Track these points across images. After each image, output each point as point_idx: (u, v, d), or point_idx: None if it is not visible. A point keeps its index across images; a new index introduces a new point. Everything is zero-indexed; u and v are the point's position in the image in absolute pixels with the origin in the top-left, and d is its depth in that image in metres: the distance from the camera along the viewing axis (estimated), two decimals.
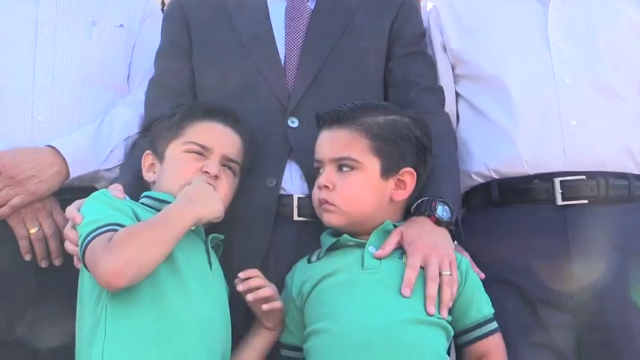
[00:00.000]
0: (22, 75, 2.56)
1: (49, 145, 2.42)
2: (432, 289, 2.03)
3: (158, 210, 2.09)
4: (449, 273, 2.07)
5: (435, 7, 2.58)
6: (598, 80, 2.40)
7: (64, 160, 2.38)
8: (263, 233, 2.26)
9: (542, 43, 2.44)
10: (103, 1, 2.71)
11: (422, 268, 2.06)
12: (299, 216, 2.27)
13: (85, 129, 2.51)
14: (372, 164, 2.13)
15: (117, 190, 2.11)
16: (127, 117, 2.54)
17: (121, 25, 2.65)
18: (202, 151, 2.19)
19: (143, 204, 2.16)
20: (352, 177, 2.11)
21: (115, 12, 2.69)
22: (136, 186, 2.25)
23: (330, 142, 2.16)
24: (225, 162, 2.20)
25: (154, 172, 2.24)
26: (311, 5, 2.43)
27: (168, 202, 2.10)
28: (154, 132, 2.29)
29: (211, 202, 2.08)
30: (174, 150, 2.21)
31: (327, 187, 2.11)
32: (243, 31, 2.40)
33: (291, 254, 2.27)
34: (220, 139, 2.22)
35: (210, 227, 2.18)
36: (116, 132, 2.50)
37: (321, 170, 2.14)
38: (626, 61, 2.45)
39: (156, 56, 2.53)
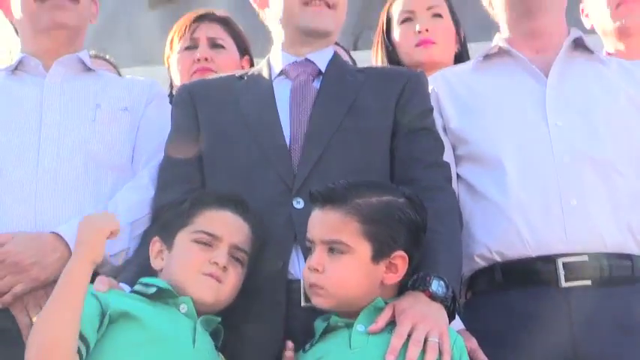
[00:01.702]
0: (25, 159, 2.56)
1: (52, 232, 2.40)
2: (413, 352, 1.95)
3: (145, 295, 2.11)
4: (436, 340, 1.99)
5: (434, 89, 2.59)
6: (597, 158, 2.40)
7: (67, 245, 2.36)
8: (276, 325, 2.23)
9: (540, 121, 2.45)
10: (107, 85, 2.75)
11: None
12: (306, 302, 2.22)
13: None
14: (363, 248, 2.10)
15: (100, 283, 2.11)
16: (131, 200, 2.52)
17: (126, 108, 2.67)
18: (211, 241, 2.18)
19: (135, 291, 2.15)
20: (342, 261, 2.07)
21: (120, 95, 2.71)
22: (144, 276, 2.24)
23: (321, 224, 2.13)
24: (234, 252, 2.19)
25: (162, 260, 2.23)
26: (316, 85, 2.44)
27: (156, 286, 2.11)
28: (163, 219, 2.29)
29: (94, 233, 2.07)
30: (183, 239, 2.20)
31: (317, 270, 2.08)
32: (248, 113, 2.42)
33: (303, 342, 2.20)
34: (230, 228, 2.22)
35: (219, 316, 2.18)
36: (121, 216, 2.43)
37: (312, 250, 2.11)
38: (625, 137, 2.46)
39: (166, 142, 2.53)
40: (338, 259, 2.11)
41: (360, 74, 2.53)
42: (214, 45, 3.16)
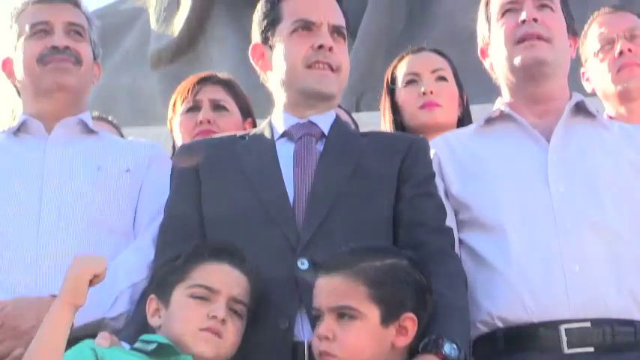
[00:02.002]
0: (26, 222, 2.56)
1: (52, 295, 2.36)
2: None
3: (145, 351, 2.09)
4: None
5: (437, 155, 2.59)
6: (599, 224, 2.39)
7: None
8: None
9: (542, 187, 2.45)
10: (109, 147, 2.76)
11: None
12: None
13: None
14: (372, 312, 2.10)
15: (102, 338, 2.10)
16: (132, 263, 2.52)
17: (128, 170, 2.67)
18: (209, 295, 2.17)
19: (135, 348, 2.14)
20: (352, 327, 2.07)
21: (122, 157, 2.72)
22: (144, 333, 2.23)
23: (328, 291, 2.13)
24: (233, 304, 2.17)
25: (159, 317, 2.22)
26: (319, 147, 2.45)
27: (156, 342, 2.10)
28: (159, 276, 2.29)
29: (76, 276, 2.08)
30: (180, 295, 2.19)
31: (327, 337, 2.08)
32: (251, 173, 2.42)
33: None
34: (227, 280, 2.21)
35: None
36: (121, 279, 2.48)
37: (321, 318, 2.11)
38: (627, 203, 2.46)
39: (166, 201, 2.53)
40: (348, 325, 2.10)
41: (363, 138, 2.55)
42: (217, 107, 3.17)
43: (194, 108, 3.17)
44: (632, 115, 3.01)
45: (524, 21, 2.49)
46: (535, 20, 2.49)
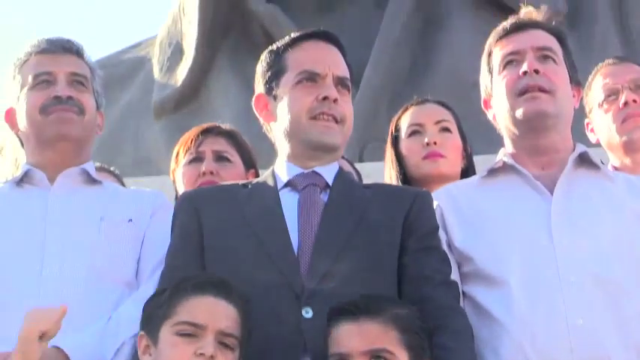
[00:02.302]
0: (29, 274, 2.56)
1: (54, 345, 2.36)
2: None
3: None
4: None
5: (439, 206, 2.59)
6: (603, 277, 2.38)
7: (68, 359, 2.34)
8: None
9: (546, 240, 2.44)
10: (112, 197, 2.77)
11: None
12: None
13: (92, 328, 2.48)
14: (403, 357, 2.12)
15: None
16: (134, 314, 2.48)
17: (130, 220, 2.67)
18: (195, 331, 2.15)
19: None
20: None
21: (124, 207, 2.72)
22: None
23: (361, 335, 2.13)
24: (222, 338, 2.16)
25: (150, 355, 2.21)
26: (324, 197, 2.46)
27: None
28: (146, 312, 2.27)
29: (26, 330, 2.13)
30: (167, 333, 2.18)
31: None
32: (254, 222, 2.41)
33: None
34: (213, 313, 2.19)
35: None
36: (123, 330, 2.47)
37: None
38: (631, 256, 2.44)
39: (167, 250, 2.52)
40: None
41: (367, 190, 2.56)
42: (220, 158, 3.18)
43: (197, 159, 3.18)
44: (637, 166, 3.01)
45: (525, 72, 2.50)
46: (537, 72, 2.50)
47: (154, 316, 2.21)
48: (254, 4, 6.16)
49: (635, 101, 3.02)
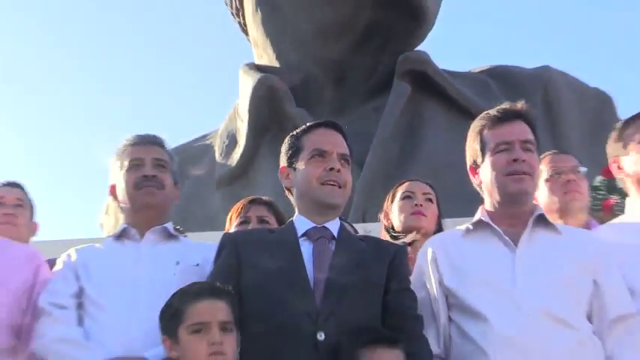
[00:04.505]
0: (123, 304, 2.54)
1: (141, 356, 2.36)
2: None
3: None
4: None
5: (433, 252, 2.52)
6: (552, 313, 2.30)
7: None
8: None
9: (510, 282, 2.37)
10: (185, 247, 2.75)
11: None
12: None
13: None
14: None
15: None
16: None
17: (197, 264, 2.64)
18: (203, 327, 2.13)
19: None
20: None
21: (194, 254, 2.69)
22: None
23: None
24: (224, 325, 2.14)
25: (175, 352, 2.18)
26: (331, 246, 2.41)
27: None
28: (164, 321, 2.24)
29: None
30: (184, 333, 2.15)
31: None
32: (280, 262, 2.36)
33: None
34: (213, 311, 2.16)
35: None
36: None
37: None
38: (574, 297, 2.37)
39: (209, 274, 2.47)
40: None
41: (361, 242, 2.52)
42: (262, 222, 3.13)
43: (245, 222, 3.14)
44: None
45: (515, 159, 2.45)
46: (523, 160, 2.45)
47: (170, 323, 2.19)
48: (287, 108, 6.22)
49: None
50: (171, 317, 2.20)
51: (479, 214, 2.56)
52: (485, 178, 2.53)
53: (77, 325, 2.54)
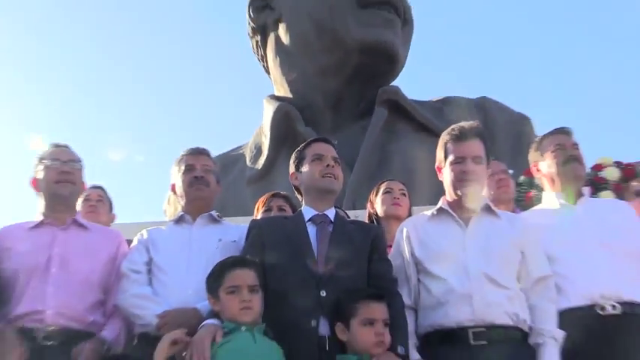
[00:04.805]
0: (177, 271, 2.53)
1: (194, 307, 2.37)
2: None
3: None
4: None
5: (407, 231, 2.50)
6: (489, 274, 2.29)
7: (201, 317, 2.28)
8: None
9: (461, 253, 2.35)
10: (225, 228, 2.74)
11: None
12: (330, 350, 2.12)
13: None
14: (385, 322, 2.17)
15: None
16: None
17: (234, 241, 2.62)
18: (237, 289, 2.13)
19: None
20: None
21: (232, 233, 2.68)
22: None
23: (381, 309, 2.16)
24: (251, 287, 2.14)
25: (217, 306, 2.17)
26: (329, 228, 2.40)
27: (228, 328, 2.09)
28: (209, 283, 2.22)
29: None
30: (222, 293, 2.15)
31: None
32: (294, 239, 2.35)
33: None
34: (243, 277, 2.16)
35: None
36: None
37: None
38: (507, 264, 2.35)
39: (241, 251, 2.45)
40: None
41: (350, 224, 2.52)
42: (280, 210, 3.11)
43: (268, 210, 3.12)
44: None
45: (465, 171, 2.43)
46: (471, 171, 2.43)
47: (213, 285, 2.19)
48: (298, 127, 6.16)
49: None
50: (214, 281, 2.19)
51: (440, 203, 2.53)
52: (445, 178, 2.51)
53: (148, 285, 2.54)
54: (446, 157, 2.51)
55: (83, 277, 2.57)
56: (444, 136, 2.55)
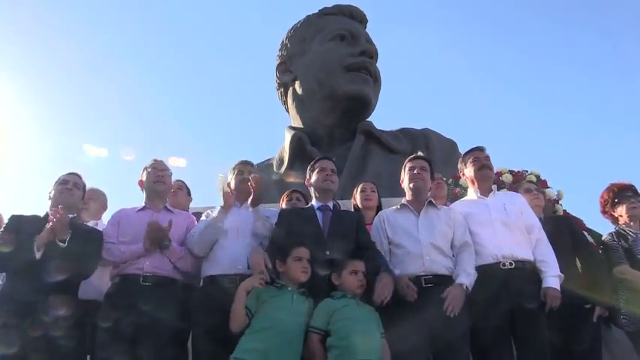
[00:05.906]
0: (232, 234, 2.50)
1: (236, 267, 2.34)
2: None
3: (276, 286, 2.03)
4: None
5: (382, 218, 2.55)
6: (435, 245, 2.34)
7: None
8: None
9: (415, 231, 2.40)
10: (262, 210, 2.64)
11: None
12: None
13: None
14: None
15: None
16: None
17: (267, 217, 2.58)
18: (299, 258, 2.12)
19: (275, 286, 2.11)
20: None
21: (266, 213, 2.62)
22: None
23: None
24: (309, 259, 2.14)
25: (282, 268, 2.13)
26: (330, 214, 2.42)
27: (280, 284, 2.02)
28: (277, 246, 2.25)
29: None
30: (290, 260, 2.14)
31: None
32: (307, 222, 2.36)
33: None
34: (304, 252, 2.15)
35: None
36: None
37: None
38: (445, 237, 2.40)
39: (275, 226, 2.43)
40: None
41: (343, 211, 2.54)
42: (298, 201, 3.08)
43: (289, 201, 3.09)
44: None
45: (416, 174, 2.53)
46: (420, 174, 2.53)
47: (283, 255, 2.15)
48: (308, 148, 6.09)
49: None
50: (284, 253, 2.18)
51: (403, 201, 2.59)
52: (405, 183, 2.59)
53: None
54: (404, 170, 2.60)
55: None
56: (406, 161, 2.64)
